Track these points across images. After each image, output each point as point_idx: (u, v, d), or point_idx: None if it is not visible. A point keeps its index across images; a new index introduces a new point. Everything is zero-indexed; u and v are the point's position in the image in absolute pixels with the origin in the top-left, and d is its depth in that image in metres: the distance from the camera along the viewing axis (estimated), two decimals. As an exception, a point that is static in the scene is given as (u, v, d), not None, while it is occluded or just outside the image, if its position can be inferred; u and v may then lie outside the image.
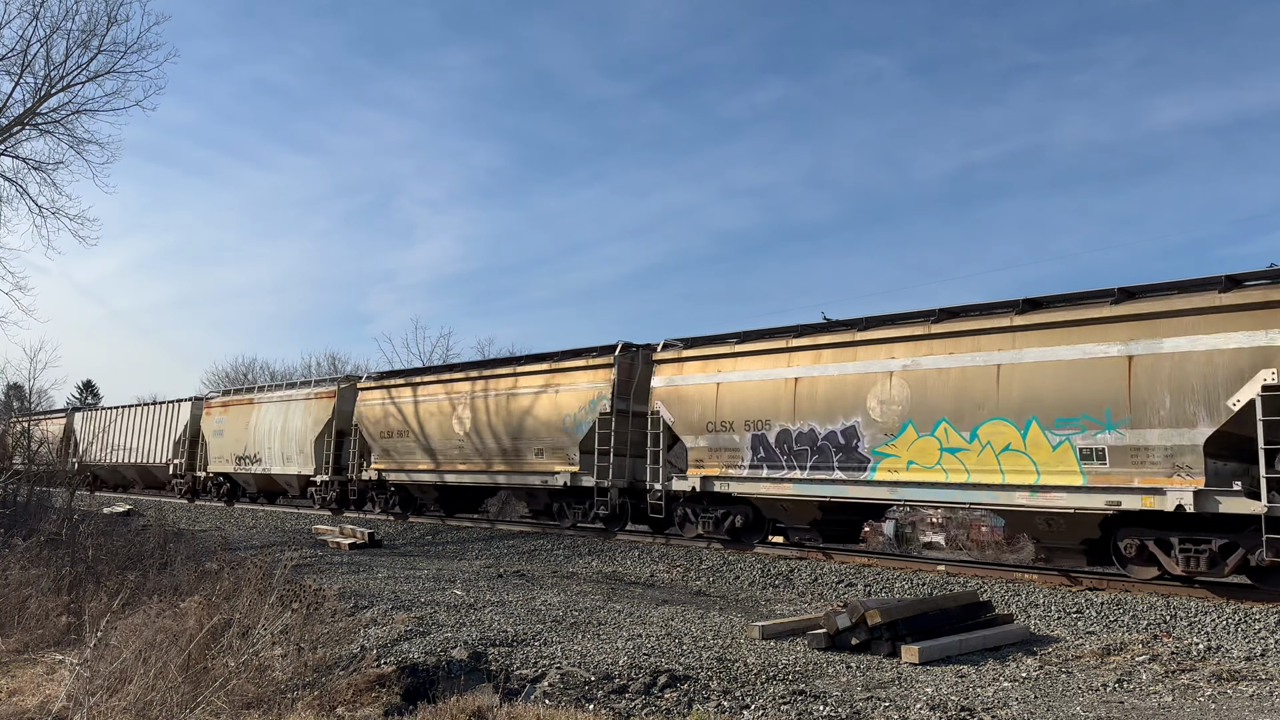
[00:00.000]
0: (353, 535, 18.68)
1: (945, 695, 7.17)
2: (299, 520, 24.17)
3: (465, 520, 22.62)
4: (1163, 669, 8.27)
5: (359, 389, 25.14)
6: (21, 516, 17.51)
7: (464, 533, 20.46)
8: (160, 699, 7.15)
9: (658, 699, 7.37)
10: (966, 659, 8.63)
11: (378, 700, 7.90)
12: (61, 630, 11.13)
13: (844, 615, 8.98)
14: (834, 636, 9.01)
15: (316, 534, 19.95)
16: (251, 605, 9.66)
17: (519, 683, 7.92)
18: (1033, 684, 7.74)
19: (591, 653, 8.43)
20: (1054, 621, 10.64)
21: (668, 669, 7.83)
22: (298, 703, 7.82)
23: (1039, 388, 12.26)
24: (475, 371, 22.04)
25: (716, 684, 7.56)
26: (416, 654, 8.70)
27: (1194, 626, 10.03)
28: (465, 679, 8.17)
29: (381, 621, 10.16)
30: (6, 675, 9.60)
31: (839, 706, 6.92)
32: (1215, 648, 9.10)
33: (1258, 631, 9.67)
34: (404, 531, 21.08)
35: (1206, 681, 7.83)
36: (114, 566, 13.66)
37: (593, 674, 7.80)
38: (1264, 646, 9.16)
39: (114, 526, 19.34)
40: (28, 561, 13.31)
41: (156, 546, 15.35)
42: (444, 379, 22.45)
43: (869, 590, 12.87)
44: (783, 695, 7.21)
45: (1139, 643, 9.26)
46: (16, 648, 10.64)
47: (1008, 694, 7.35)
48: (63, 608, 11.93)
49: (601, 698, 7.46)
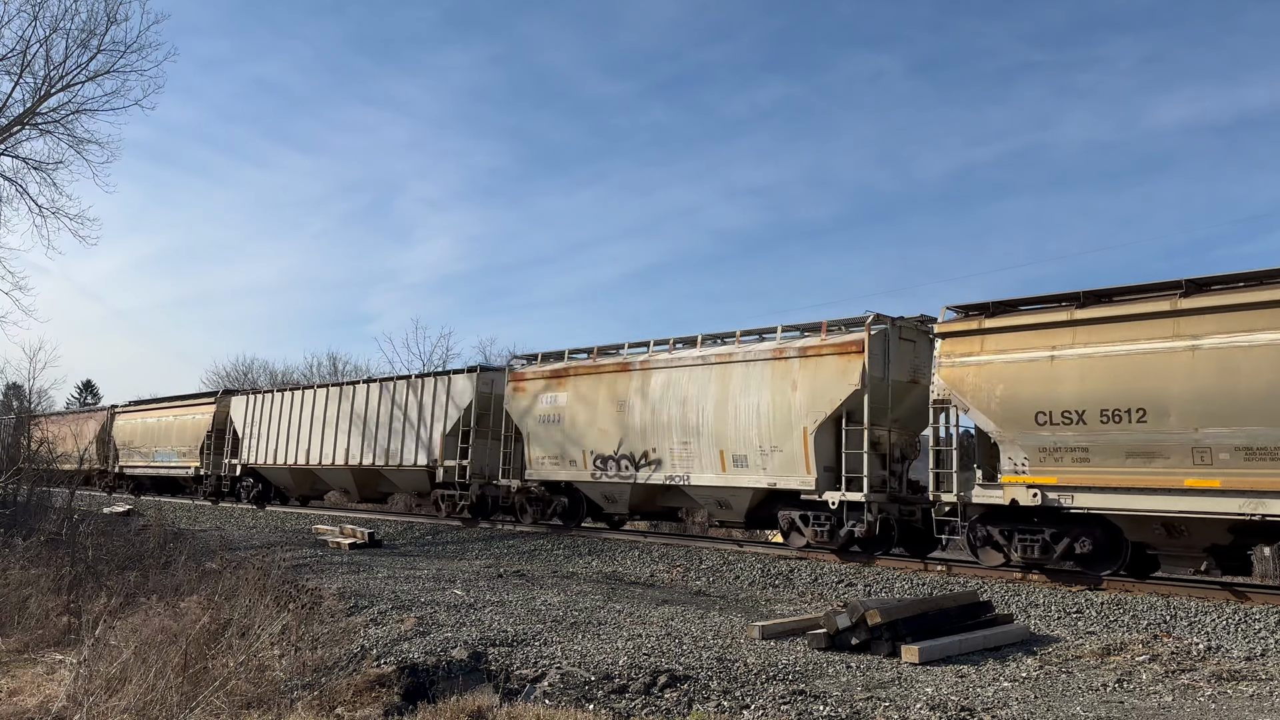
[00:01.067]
0: (353, 535, 18.69)
1: (945, 695, 7.17)
2: (299, 520, 24.18)
3: (464, 519, 22.66)
4: (1163, 669, 8.27)
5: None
6: (21, 516, 17.53)
7: (464, 533, 20.47)
8: (160, 699, 7.16)
9: (658, 699, 7.37)
10: (966, 659, 8.62)
11: (378, 700, 7.90)
12: (61, 630, 11.14)
13: (844, 615, 8.98)
14: (834, 636, 9.00)
15: (316, 534, 19.96)
16: (251, 605, 9.67)
17: (519, 683, 7.92)
18: (1033, 684, 7.74)
19: (591, 653, 8.43)
20: (1054, 621, 10.64)
21: (668, 669, 7.83)
22: (297, 703, 7.83)
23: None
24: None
25: (716, 684, 7.56)
26: (416, 654, 8.70)
27: (1194, 626, 10.03)
28: (465, 679, 8.17)
29: (381, 621, 10.16)
30: (6, 675, 9.60)
31: (839, 706, 6.92)
32: (1215, 648, 9.10)
33: (1258, 631, 9.67)
34: (404, 531, 21.09)
35: (1206, 681, 7.83)
36: (114, 566, 13.68)
37: (593, 674, 7.80)
38: (1264, 646, 9.16)
39: (114, 526, 19.35)
40: (28, 561, 13.33)
41: (156, 546, 15.36)
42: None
43: (869, 590, 12.87)
44: (783, 695, 7.21)
45: (1139, 643, 9.26)
46: (16, 648, 10.65)
47: (1008, 694, 7.35)
48: (63, 608, 11.94)
49: (601, 698, 7.46)
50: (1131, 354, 11.47)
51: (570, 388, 18.74)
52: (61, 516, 17.90)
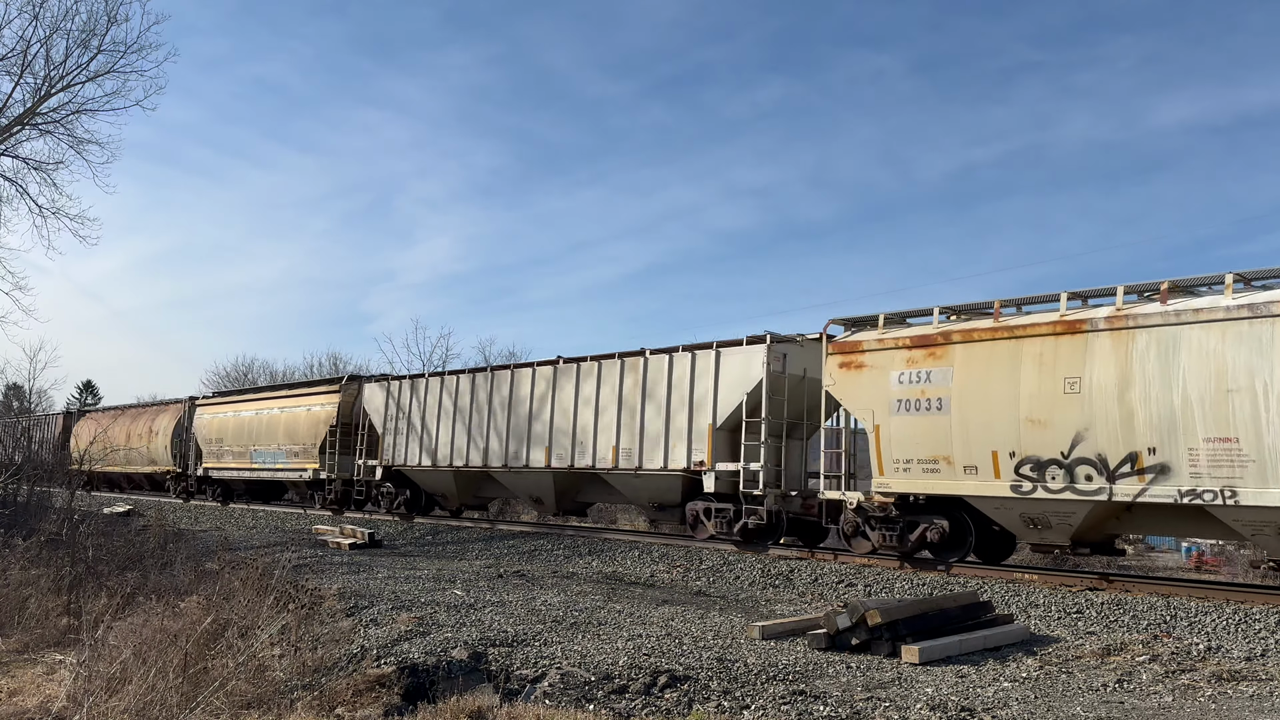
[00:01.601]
0: (353, 535, 18.69)
1: (945, 695, 7.17)
2: (300, 520, 24.19)
3: (465, 520, 22.66)
4: (1163, 669, 8.27)
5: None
6: (22, 516, 17.52)
7: (464, 533, 20.47)
8: (160, 699, 7.16)
9: (658, 699, 7.37)
10: (967, 659, 8.62)
11: (378, 700, 7.90)
12: (61, 630, 11.15)
13: (844, 615, 8.98)
14: (834, 637, 9.00)
15: (316, 534, 19.97)
16: (251, 605, 9.67)
17: (519, 683, 7.92)
18: (1033, 684, 7.74)
19: (591, 653, 8.43)
20: (1054, 621, 10.64)
21: (668, 669, 7.83)
22: (297, 703, 7.83)
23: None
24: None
25: (716, 684, 7.56)
26: (416, 654, 8.70)
27: (1194, 627, 10.02)
28: (465, 679, 8.16)
29: (381, 621, 10.15)
30: (6, 675, 9.61)
31: (839, 707, 6.92)
32: (1215, 648, 9.10)
33: (1258, 632, 9.67)
34: (404, 531, 21.09)
35: (1207, 682, 7.83)
36: (114, 567, 13.68)
37: (593, 674, 7.80)
38: (1264, 647, 9.16)
39: (114, 527, 19.35)
40: (28, 561, 13.32)
41: (157, 546, 15.36)
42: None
43: (869, 590, 12.87)
44: (783, 695, 7.21)
45: (1139, 643, 9.26)
46: (16, 648, 10.65)
47: (1008, 694, 7.34)
48: (63, 608, 11.95)
49: (602, 698, 7.46)
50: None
51: (958, 359, 13.25)
52: (61, 517, 17.89)
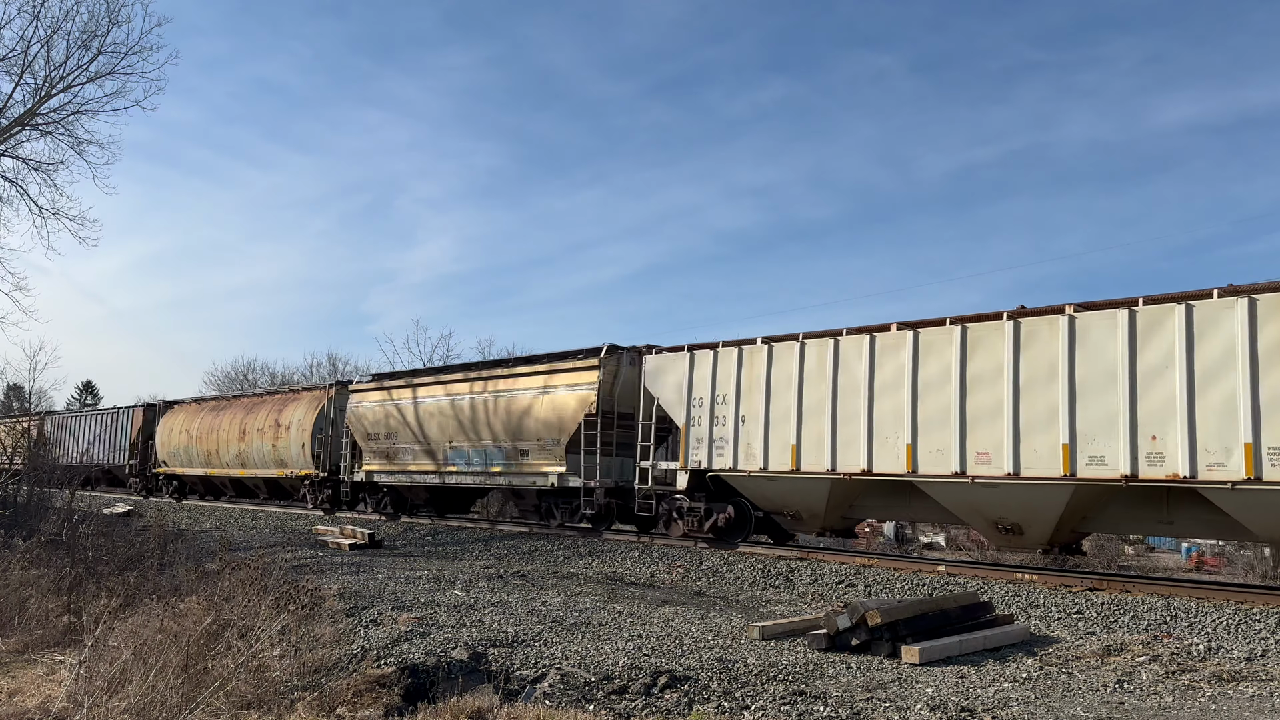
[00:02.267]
0: (353, 535, 18.68)
1: (945, 696, 7.17)
2: (300, 521, 24.18)
3: (465, 520, 22.65)
4: (1163, 669, 8.27)
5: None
6: (22, 517, 17.52)
7: (464, 533, 20.45)
8: (160, 699, 7.15)
9: (658, 699, 7.37)
10: (967, 659, 8.62)
11: (378, 701, 7.89)
12: (61, 631, 11.14)
13: (844, 616, 8.97)
14: (834, 637, 9.00)
15: (317, 534, 19.96)
16: (251, 606, 9.67)
17: (519, 683, 7.92)
18: (1033, 684, 7.74)
19: (592, 653, 8.43)
20: (1054, 622, 10.63)
21: (668, 669, 7.83)
22: (297, 704, 7.82)
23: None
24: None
25: (717, 684, 7.56)
26: (416, 655, 8.70)
27: (1194, 627, 10.02)
28: (465, 679, 8.16)
29: (381, 622, 10.15)
30: (6, 675, 9.60)
31: (839, 707, 6.92)
32: (1215, 648, 9.10)
33: (1258, 632, 9.67)
34: (404, 532, 21.08)
35: (1207, 682, 7.83)
36: (114, 567, 13.66)
37: (593, 675, 7.79)
38: (1264, 647, 9.15)
39: (114, 527, 19.33)
40: (28, 562, 13.31)
41: (157, 547, 15.35)
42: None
43: (869, 591, 12.87)
44: (783, 696, 7.21)
45: (1139, 643, 9.26)
46: (16, 648, 10.64)
47: (1008, 694, 7.34)
48: (63, 608, 11.94)
49: (602, 698, 7.46)
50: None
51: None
52: (62, 517, 17.88)
